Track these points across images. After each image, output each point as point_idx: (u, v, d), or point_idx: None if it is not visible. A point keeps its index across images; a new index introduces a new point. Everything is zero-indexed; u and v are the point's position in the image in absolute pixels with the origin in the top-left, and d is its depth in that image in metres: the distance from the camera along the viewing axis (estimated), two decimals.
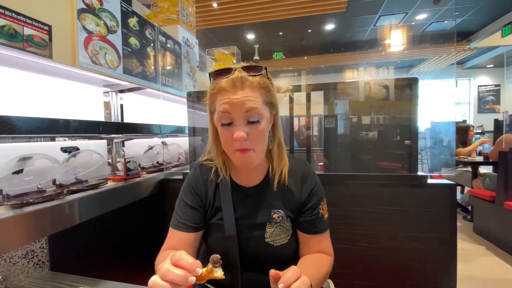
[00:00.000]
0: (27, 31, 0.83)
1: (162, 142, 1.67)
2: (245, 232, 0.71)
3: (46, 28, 0.89)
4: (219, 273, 0.48)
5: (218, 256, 0.49)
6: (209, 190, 0.74)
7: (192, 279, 0.45)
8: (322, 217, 0.73)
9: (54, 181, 0.91)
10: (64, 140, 1.18)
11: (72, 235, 0.89)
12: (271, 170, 0.74)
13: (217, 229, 0.73)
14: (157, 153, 1.54)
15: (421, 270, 1.12)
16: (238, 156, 0.64)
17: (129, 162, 1.19)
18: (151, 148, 1.54)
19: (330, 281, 0.85)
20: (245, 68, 0.63)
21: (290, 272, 0.51)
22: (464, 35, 6.06)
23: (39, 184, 0.83)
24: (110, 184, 1.06)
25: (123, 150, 1.52)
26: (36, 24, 0.85)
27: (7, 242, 0.69)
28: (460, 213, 3.50)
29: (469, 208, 3.32)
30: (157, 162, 1.56)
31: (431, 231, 1.12)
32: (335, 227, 1.12)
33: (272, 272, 0.52)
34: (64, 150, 0.98)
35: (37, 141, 1.06)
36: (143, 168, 1.40)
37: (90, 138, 1.33)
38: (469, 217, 3.25)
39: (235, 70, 0.62)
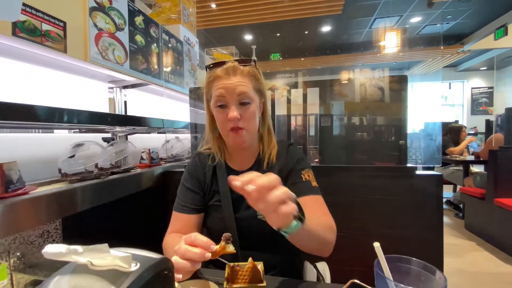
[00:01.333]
0: (45, 26, 0.89)
1: (176, 137, 1.83)
2: (240, 212, 0.77)
3: (62, 24, 0.95)
4: (231, 248, 0.56)
5: (229, 234, 0.57)
6: (207, 174, 0.82)
7: (208, 255, 0.52)
8: (307, 182, 0.75)
9: (96, 165, 1.11)
10: (73, 132, 1.24)
11: (84, 218, 0.95)
12: (262, 153, 0.82)
13: (215, 210, 0.79)
14: (172, 146, 1.73)
15: (410, 256, 1.18)
16: (232, 135, 0.73)
17: (152, 152, 1.40)
18: (167, 141, 1.72)
19: (326, 265, 0.92)
20: (236, 61, 0.73)
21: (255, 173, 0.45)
22: (457, 38, 6.20)
23: (86, 166, 1.04)
24: (138, 170, 1.26)
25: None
26: (53, 20, 0.92)
27: (25, 222, 0.74)
28: (452, 211, 3.59)
29: (461, 206, 3.42)
30: (171, 154, 1.71)
31: (419, 219, 1.18)
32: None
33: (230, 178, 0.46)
34: (104, 139, 1.20)
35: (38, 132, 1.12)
36: (161, 159, 1.57)
37: (94, 131, 1.38)
38: (461, 214, 3.34)
39: (228, 61, 0.73)
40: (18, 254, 0.78)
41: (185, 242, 0.54)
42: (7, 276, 0.75)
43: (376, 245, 0.39)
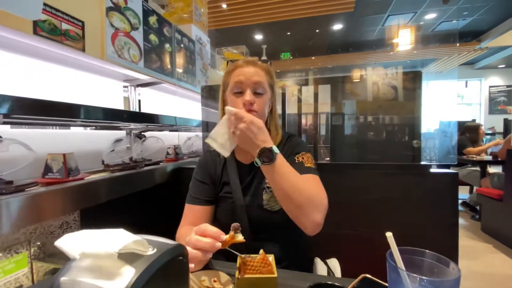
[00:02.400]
0: (65, 26, 0.93)
1: (196, 135, 1.97)
2: (248, 202, 0.80)
3: (80, 23, 0.99)
4: (240, 238, 0.57)
5: (238, 224, 0.59)
6: (217, 168, 0.86)
7: (219, 244, 0.54)
8: (300, 163, 0.77)
9: (131, 158, 1.28)
10: (89, 129, 1.28)
11: (101, 211, 0.98)
12: None
13: (224, 201, 0.83)
14: (192, 144, 1.89)
15: None
16: None
17: (177, 148, 1.55)
18: (189, 138, 1.87)
19: (336, 262, 0.92)
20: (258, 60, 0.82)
21: None
22: (474, 35, 6.00)
23: (123, 159, 1.23)
24: (163, 164, 1.37)
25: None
26: (72, 20, 0.96)
27: (44, 212, 0.78)
28: (469, 212, 3.48)
29: (477, 208, 3.31)
30: (192, 151, 1.86)
31: (434, 217, 1.16)
32: (340, 213, 1.18)
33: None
34: (138, 136, 1.36)
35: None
36: (184, 155, 1.70)
37: (109, 128, 1.43)
38: (477, 216, 3.24)
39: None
40: (39, 243, 0.82)
41: (196, 233, 0.56)
42: (28, 265, 0.79)
43: (389, 234, 0.39)
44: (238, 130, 0.67)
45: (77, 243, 0.36)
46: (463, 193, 3.93)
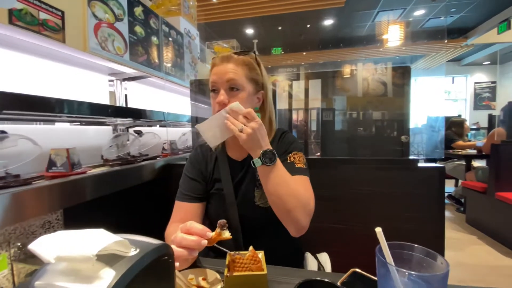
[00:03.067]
0: (42, 15, 0.88)
1: (190, 131, 1.93)
2: (239, 198, 0.79)
3: (60, 13, 0.94)
4: (226, 234, 0.56)
5: (224, 220, 0.57)
6: (208, 164, 0.84)
7: (205, 242, 0.53)
8: (291, 163, 0.77)
9: (128, 153, 1.32)
10: (74, 124, 1.24)
11: (85, 210, 0.95)
12: None
13: (215, 198, 0.81)
14: (187, 139, 1.89)
15: None
16: None
17: (173, 143, 1.60)
18: (183, 134, 1.87)
19: (327, 256, 0.92)
20: (235, 53, 0.78)
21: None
22: (461, 32, 6.12)
23: (122, 154, 1.27)
24: (153, 161, 1.34)
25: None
26: (51, 9, 0.90)
27: (25, 212, 0.75)
28: (454, 205, 3.58)
29: (462, 200, 3.41)
30: (186, 146, 1.85)
31: (421, 211, 1.18)
32: (330, 208, 1.19)
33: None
34: (136, 132, 1.37)
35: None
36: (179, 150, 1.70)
37: (95, 123, 1.38)
38: (462, 209, 3.34)
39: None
40: (19, 244, 0.78)
41: (181, 230, 0.54)
42: (8, 266, 0.76)
43: (378, 230, 0.38)
44: (249, 128, 0.66)
45: (52, 246, 0.34)
46: (449, 187, 4.04)
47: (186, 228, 0.54)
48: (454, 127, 3.83)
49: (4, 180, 0.79)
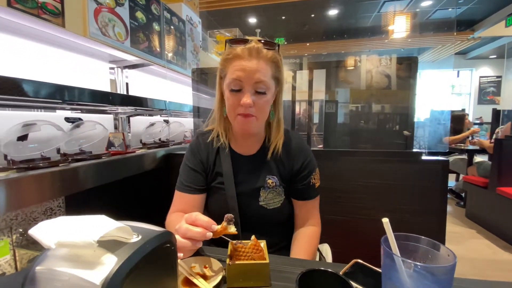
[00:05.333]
0: None
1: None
2: (242, 195, 0.76)
3: None
4: (232, 229, 0.55)
5: (232, 215, 0.56)
6: (210, 156, 0.80)
7: (210, 234, 0.52)
8: (313, 185, 0.79)
9: (159, 139, 1.44)
10: (75, 112, 1.22)
11: (87, 197, 0.95)
12: (267, 141, 0.79)
13: (216, 192, 0.79)
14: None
15: None
16: (240, 120, 0.69)
17: (186, 131, 1.79)
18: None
19: (328, 247, 0.92)
20: (261, 42, 0.68)
21: None
22: (468, 24, 5.99)
23: (156, 139, 1.46)
24: (154, 150, 1.36)
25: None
26: None
27: (26, 198, 0.74)
28: (454, 199, 3.59)
29: (462, 195, 3.41)
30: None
31: (423, 204, 1.18)
32: (332, 200, 1.19)
33: None
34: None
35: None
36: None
37: (95, 112, 1.37)
38: (462, 203, 3.34)
39: (251, 40, 0.68)
40: (21, 230, 0.78)
41: (186, 221, 0.54)
42: (10, 252, 0.76)
43: (385, 220, 0.37)
44: None
45: (53, 231, 0.33)
46: (450, 181, 4.04)
47: (191, 220, 0.53)
48: (453, 122, 3.78)
49: (82, 155, 1.00)
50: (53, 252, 0.34)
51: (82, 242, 0.31)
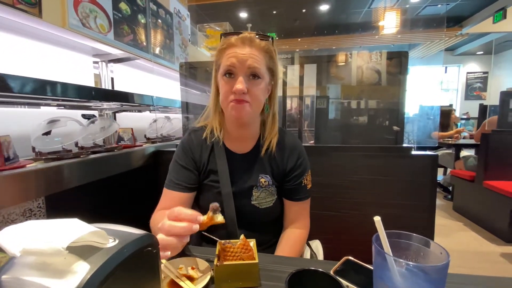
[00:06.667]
0: None
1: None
2: (235, 194, 0.75)
3: None
4: (219, 219, 0.53)
5: (217, 204, 0.54)
6: (203, 153, 0.78)
7: (196, 227, 0.49)
8: (305, 186, 0.79)
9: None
10: (57, 108, 1.17)
11: (69, 197, 0.90)
12: (262, 138, 0.78)
13: (209, 189, 0.77)
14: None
15: None
16: (233, 106, 0.67)
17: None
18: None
19: (319, 243, 0.91)
20: (257, 35, 0.70)
21: None
22: (456, 20, 6.08)
23: (158, 134, 1.47)
24: (142, 147, 1.35)
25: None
26: None
27: (4, 198, 0.70)
28: (441, 193, 3.67)
29: (450, 188, 3.49)
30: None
31: (412, 198, 1.19)
32: (323, 195, 1.18)
33: None
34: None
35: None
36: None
37: (79, 108, 1.31)
38: (449, 196, 3.42)
39: (245, 32, 0.69)
40: None
41: (169, 218, 0.51)
42: None
43: (377, 219, 0.36)
44: None
45: (19, 237, 0.30)
46: (437, 175, 4.12)
47: (174, 215, 0.51)
48: (441, 117, 3.84)
49: (96, 147, 1.07)
50: (21, 260, 0.31)
51: (50, 249, 0.28)
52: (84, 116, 1.16)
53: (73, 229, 0.31)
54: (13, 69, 1.00)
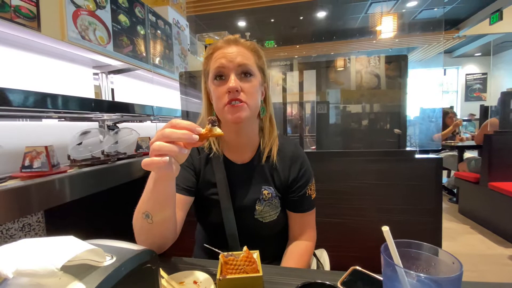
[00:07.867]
0: (15, 1, 0.80)
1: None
2: (237, 205, 0.72)
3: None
4: (218, 131, 0.50)
5: (214, 117, 0.52)
6: (201, 159, 0.75)
7: (196, 136, 0.46)
8: (309, 197, 0.76)
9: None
10: (58, 120, 1.17)
11: (69, 211, 0.89)
12: (262, 145, 0.75)
13: (210, 203, 0.73)
14: None
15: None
16: (229, 108, 0.64)
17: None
18: None
19: (325, 253, 0.89)
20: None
21: None
22: (453, 23, 6.13)
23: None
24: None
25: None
26: None
27: (2, 213, 0.69)
28: (446, 195, 3.63)
29: (455, 191, 3.45)
30: None
31: (418, 203, 1.16)
32: (326, 202, 1.16)
33: None
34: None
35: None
36: None
37: (80, 119, 1.31)
38: (454, 199, 3.38)
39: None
40: None
41: (166, 127, 0.47)
42: None
43: (385, 229, 0.34)
44: None
45: (12, 257, 0.29)
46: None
47: (172, 124, 0.47)
48: (443, 119, 3.82)
49: (120, 154, 1.13)
50: (14, 281, 0.29)
51: (43, 270, 0.27)
52: (109, 127, 1.28)
53: (68, 248, 0.30)
54: (13, 82, 1.01)
